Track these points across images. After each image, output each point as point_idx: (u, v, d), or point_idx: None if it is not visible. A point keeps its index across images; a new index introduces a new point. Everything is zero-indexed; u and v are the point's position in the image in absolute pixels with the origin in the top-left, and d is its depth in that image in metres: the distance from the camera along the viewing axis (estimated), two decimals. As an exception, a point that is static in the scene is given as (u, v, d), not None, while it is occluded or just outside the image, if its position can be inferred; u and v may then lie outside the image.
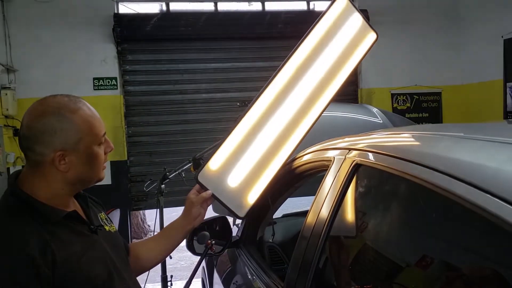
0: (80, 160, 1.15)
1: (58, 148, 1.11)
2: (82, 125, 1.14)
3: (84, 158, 1.15)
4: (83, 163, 1.16)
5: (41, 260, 1.03)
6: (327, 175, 1.41)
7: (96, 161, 1.19)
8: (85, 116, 1.16)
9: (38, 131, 1.11)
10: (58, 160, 1.12)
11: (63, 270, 1.06)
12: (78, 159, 1.14)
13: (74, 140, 1.13)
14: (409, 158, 1.04)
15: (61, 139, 1.11)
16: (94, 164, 1.19)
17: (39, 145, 1.11)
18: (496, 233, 0.77)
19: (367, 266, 1.21)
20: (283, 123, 1.70)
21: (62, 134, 1.11)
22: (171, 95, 5.44)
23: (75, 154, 1.14)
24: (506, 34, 5.09)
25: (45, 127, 1.11)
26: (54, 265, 1.05)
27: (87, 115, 1.16)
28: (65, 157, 1.12)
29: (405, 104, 5.96)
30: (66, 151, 1.12)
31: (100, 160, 1.21)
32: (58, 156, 1.11)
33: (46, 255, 1.04)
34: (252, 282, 1.93)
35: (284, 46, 5.46)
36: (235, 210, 1.64)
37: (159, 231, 1.62)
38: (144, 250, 1.52)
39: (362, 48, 1.79)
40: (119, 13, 5.30)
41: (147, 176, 5.23)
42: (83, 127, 1.14)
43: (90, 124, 1.16)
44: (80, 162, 1.15)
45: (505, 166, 0.83)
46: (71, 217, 1.16)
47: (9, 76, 4.99)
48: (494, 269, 0.81)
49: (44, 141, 1.11)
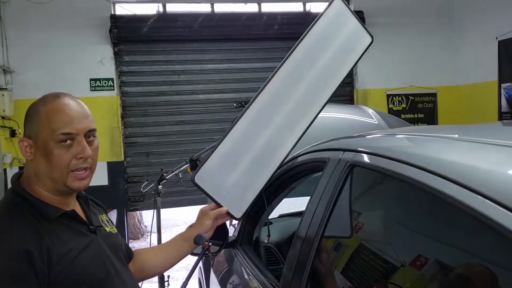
0: (39, 153, 1.16)
1: (26, 134, 1.18)
2: (43, 118, 1.15)
3: (41, 152, 1.15)
4: (42, 157, 1.15)
5: (37, 255, 1.04)
6: (322, 176, 1.43)
7: (52, 160, 1.13)
8: (51, 110, 1.15)
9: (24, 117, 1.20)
10: (23, 148, 1.17)
11: (59, 267, 1.07)
12: (38, 151, 1.16)
13: (35, 131, 1.16)
14: (402, 159, 1.06)
15: (27, 127, 1.18)
16: (51, 163, 1.14)
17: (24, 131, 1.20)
18: (487, 233, 0.79)
19: (361, 266, 1.22)
20: (279, 125, 1.72)
21: (28, 122, 1.18)
22: (167, 96, 5.44)
23: (36, 146, 1.16)
24: (501, 36, 5.12)
25: (25, 114, 1.19)
26: (50, 261, 1.06)
27: (54, 110, 1.15)
28: (30, 145, 1.16)
29: (400, 105, 5.99)
30: (30, 139, 1.16)
31: (57, 160, 1.13)
32: (21, 142, 1.17)
33: (42, 251, 1.05)
34: (248, 282, 1.95)
35: (280, 47, 5.49)
36: (231, 211, 1.65)
37: (169, 240, 1.59)
38: (150, 257, 1.52)
39: (357, 51, 1.81)
40: (115, 14, 5.30)
41: (144, 176, 5.24)
42: (43, 120, 1.15)
43: (51, 119, 1.14)
44: (39, 155, 1.15)
45: (495, 167, 0.85)
46: (69, 216, 1.18)
47: (5, 77, 4.98)
48: (484, 269, 0.83)
49: (23, 127, 1.20)
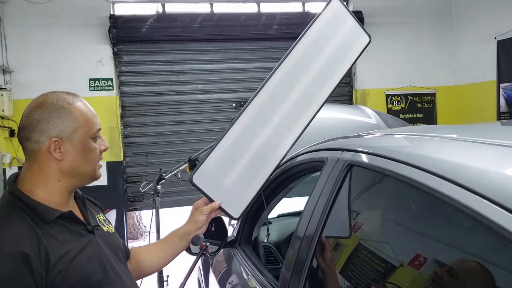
0: (74, 151, 1.16)
1: (54, 135, 1.14)
2: (79, 116, 1.17)
3: (78, 149, 1.17)
4: (78, 154, 1.17)
5: (34, 257, 1.04)
6: (320, 176, 1.43)
7: (90, 155, 1.20)
8: (82, 108, 1.19)
9: (36, 119, 1.14)
10: (53, 147, 1.14)
11: (57, 269, 1.07)
12: (73, 149, 1.16)
13: (69, 129, 1.15)
14: (400, 159, 1.06)
15: (57, 127, 1.14)
16: (88, 158, 1.20)
17: (36, 133, 1.14)
18: (483, 232, 0.80)
19: (359, 266, 1.23)
20: (278, 125, 1.72)
21: (59, 122, 1.15)
22: (167, 96, 5.45)
23: (70, 144, 1.16)
24: (500, 35, 5.13)
25: (42, 115, 1.14)
26: (47, 263, 1.06)
27: (83, 108, 1.20)
28: (60, 145, 1.15)
29: (399, 105, 6.00)
30: (61, 139, 1.15)
31: (94, 155, 1.22)
32: (54, 142, 1.14)
33: (40, 253, 1.05)
34: (247, 281, 1.96)
35: (279, 47, 5.51)
36: (230, 212, 1.65)
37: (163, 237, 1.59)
38: (146, 255, 1.52)
39: (355, 51, 1.81)
40: (115, 14, 5.30)
41: (143, 176, 5.25)
42: (79, 118, 1.17)
43: (86, 116, 1.19)
44: (74, 152, 1.17)
45: (490, 167, 0.86)
46: (66, 217, 1.17)
47: (4, 77, 4.99)
48: (480, 267, 0.84)
49: (41, 129, 1.13)
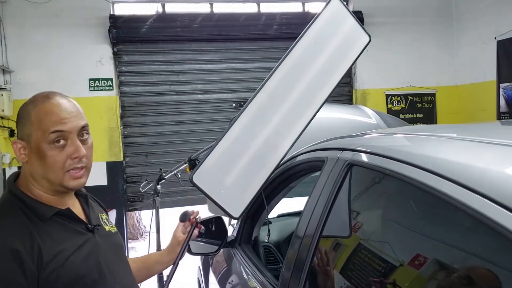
0: (33, 155, 1.15)
1: (19, 136, 1.18)
2: (34, 119, 1.14)
3: (35, 153, 1.14)
4: (36, 159, 1.15)
5: (26, 255, 1.03)
6: (320, 175, 1.43)
7: (47, 161, 1.13)
8: (41, 111, 1.14)
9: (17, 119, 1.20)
10: (18, 149, 1.16)
11: (50, 267, 1.06)
12: (32, 153, 1.15)
13: (27, 132, 1.15)
14: (400, 158, 1.06)
15: (20, 129, 1.18)
16: (46, 163, 1.13)
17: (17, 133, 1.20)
18: (483, 231, 0.80)
19: (359, 265, 1.23)
20: (277, 124, 1.72)
21: (20, 125, 1.17)
22: (166, 96, 5.44)
23: (30, 147, 1.15)
24: (499, 35, 5.13)
25: (18, 116, 1.18)
26: (40, 261, 1.05)
27: (43, 111, 1.14)
28: (24, 147, 1.16)
29: (399, 105, 6.00)
30: (23, 141, 1.16)
31: (52, 161, 1.13)
32: (16, 144, 1.16)
33: (33, 251, 1.05)
34: (247, 281, 1.95)
35: (279, 47, 5.51)
36: (229, 211, 1.65)
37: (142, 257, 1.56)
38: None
39: (355, 50, 1.82)
40: (114, 14, 5.30)
41: (143, 176, 5.24)
42: (34, 121, 1.14)
43: (41, 120, 1.13)
44: (34, 157, 1.15)
45: (491, 166, 0.86)
46: (65, 215, 1.17)
47: (4, 77, 4.99)
48: (481, 267, 0.84)
49: (16, 129, 1.19)
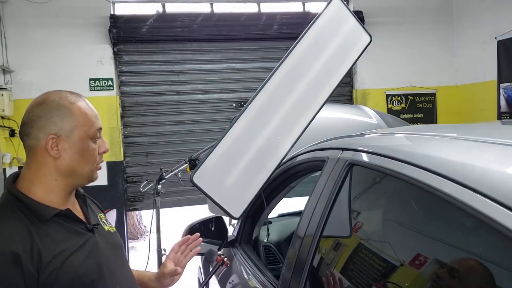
0: (72, 149, 1.16)
1: (52, 132, 1.14)
2: (78, 114, 1.17)
3: (76, 148, 1.17)
4: (75, 153, 1.17)
5: (25, 257, 1.03)
6: (321, 175, 1.43)
7: (88, 155, 1.19)
8: (82, 108, 1.19)
9: (36, 115, 1.15)
10: (50, 144, 1.14)
11: (50, 268, 1.06)
12: (71, 147, 1.16)
13: (68, 127, 1.15)
14: (401, 158, 1.06)
15: (56, 124, 1.15)
16: (86, 158, 1.19)
17: (35, 129, 1.15)
18: (484, 230, 0.80)
19: (360, 265, 1.23)
20: (278, 124, 1.72)
21: (58, 120, 1.15)
22: (167, 96, 5.44)
23: (68, 142, 1.16)
24: (500, 35, 5.12)
25: (42, 112, 1.15)
26: (39, 263, 1.05)
27: (84, 108, 1.20)
28: (57, 142, 1.15)
29: (400, 105, 5.99)
30: (59, 136, 1.15)
31: (92, 155, 1.21)
32: (51, 139, 1.14)
33: (33, 253, 1.05)
34: (247, 281, 1.95)
35: (279, 47, 5.50)
36: (230, 211, 1.65)
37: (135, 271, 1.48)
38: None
39: (356, 50, 1.81)
40: (115, 14, 5.30)
41: (143, 176, 5.24)
42: (78, 117, 1.17)
43: (86, 116, 1.19)
44: (72, 151, 1.16)
45: (492, 165, 0.86)
46: (65, 216, 1.17)
47: (5, 77, 4.98)
48: (482, 266, 0.83)
49: (40, 125, 1.14)
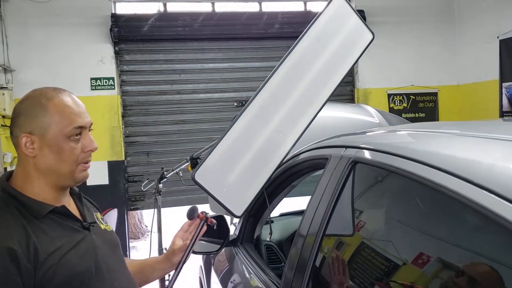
0: (48, 148, 1.13)
1: (26, 130, 1.13)
2: (53, 112, 1.13)
3: (51, 147, 1.13)
4: (50, 152, 1.13)
5: (22, 253, 1.02)
6: (324, 173, 1.42)
7: (64, 154, 1.14)
8: (60, 104, 1.14)
9: (16, 113, 1.15)
10: (24, 143, 1.13)
11: (47, 265, 1.06)
12: (46, 146, 1.13)
13: (42, 125, 1.13)
14: (404, 155, 1.05)
15: (31, 122, 1.13)
16: (62, 157, 1.14)
17: (15, 128, 1.14)
18: (491, 227, 0.79)
19: (363, 264, 1.22)
20: (280, 123, 1.71)
21: (33, 118, 1.13)
22: (168, 95, 5.44)
23: (43, 141, 1.13)
24: (502, 35, 5.11)
25: (20, 110, 1.14)
26: (36, 260, 1.04)
27: (62, 104, 1.15)
28: (33, 141, 1.13)
29: (401, 104, 5.98)
30: (33, 135, 1.13)
31: (70, 155, 1.15)
32: (24, 137, 1.12)
33: (29, 249, 1.04)
34: (249, 280, 1.94)
35: (281, 46, 5.50)
36: (231, 209, 1.64)
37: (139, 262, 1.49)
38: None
39: (359, 48, 1.80)
40: (116, 13, 5.30)
41: (145, 176, 5.24)
42: (53, 114, 1.13)
43: (62, 113, 1.14)
44: (47, 150, 1.13)
45: (499, 162, 0.84)
46: (60, 213, 1.16)
47: (6, 76, 4.98)
48: (488, 264, 0.82)
49: (18, 123, 1.14)
